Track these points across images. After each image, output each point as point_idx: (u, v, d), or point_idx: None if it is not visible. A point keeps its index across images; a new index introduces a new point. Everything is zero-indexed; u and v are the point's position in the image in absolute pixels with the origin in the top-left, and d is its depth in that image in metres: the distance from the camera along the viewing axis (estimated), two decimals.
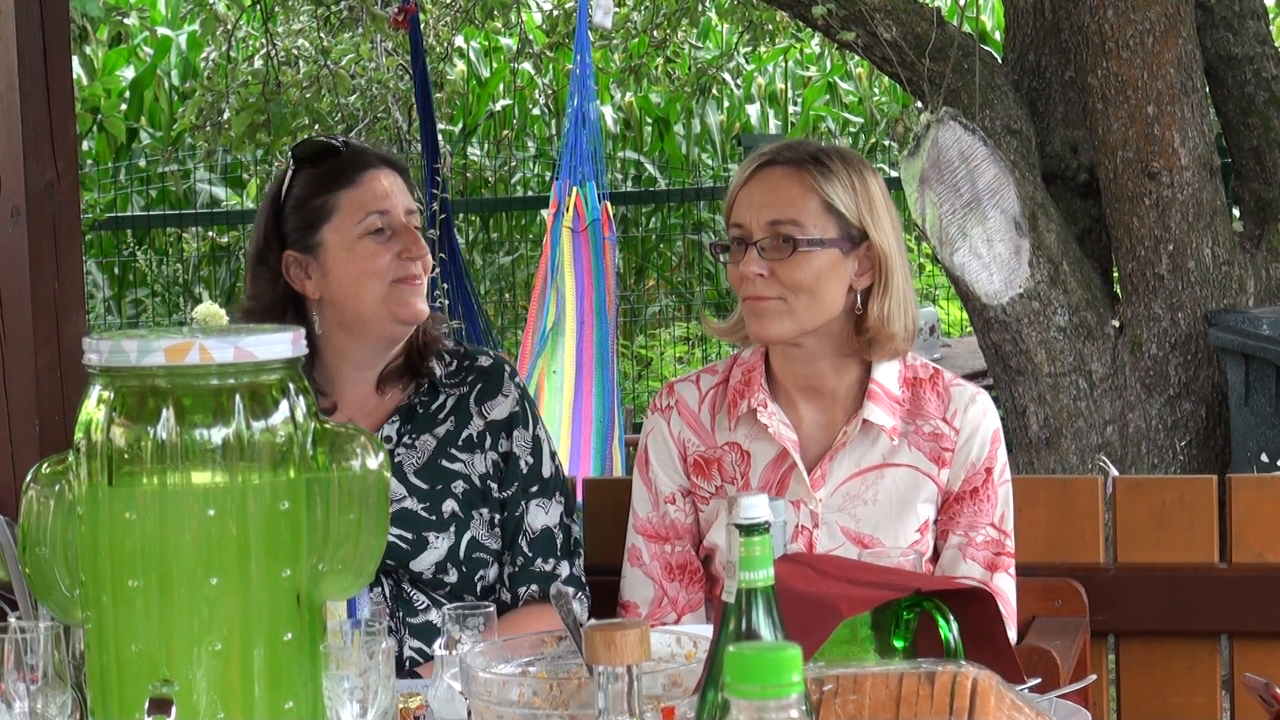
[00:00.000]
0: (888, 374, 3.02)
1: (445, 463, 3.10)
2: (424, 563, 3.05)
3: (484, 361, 3.16)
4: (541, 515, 3.11)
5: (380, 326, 3.09)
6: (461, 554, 3.06)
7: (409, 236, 3.08)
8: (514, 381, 3.15)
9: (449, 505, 3.08)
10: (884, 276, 2.98)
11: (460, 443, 3.11)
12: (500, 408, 3.12)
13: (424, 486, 3.08)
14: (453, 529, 3.07)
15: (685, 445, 3.09)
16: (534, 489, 3.12)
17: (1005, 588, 3.03)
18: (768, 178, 2.99)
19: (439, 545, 3.05)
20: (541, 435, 3.15)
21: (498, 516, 3.11)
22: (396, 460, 3.08)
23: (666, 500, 3.10)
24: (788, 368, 3.05)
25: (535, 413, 3.16)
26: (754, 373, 3.06)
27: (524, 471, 3.11)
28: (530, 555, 3.10)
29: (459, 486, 3.09)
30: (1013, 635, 3.05)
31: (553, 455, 3.16)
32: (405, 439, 3.10)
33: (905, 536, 2.99)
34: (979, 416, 3.04)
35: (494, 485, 3.11)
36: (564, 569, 3.11)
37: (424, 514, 3.06)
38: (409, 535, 3.04)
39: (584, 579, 3.15)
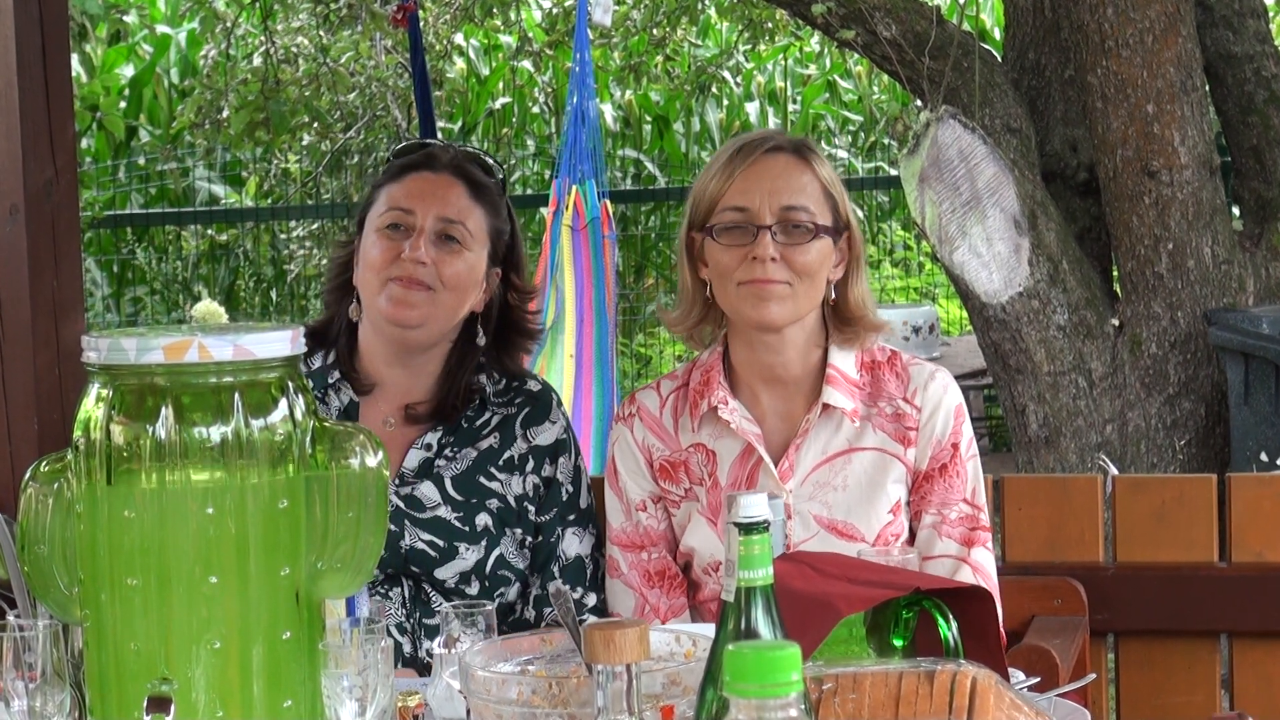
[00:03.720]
0: (844, 359, 3.04)
1: (483, 479, 3.11)
2: (449, 571, 3.05)
3: (533, 386, 3.18)
4: (576, 544, 3.13)
5: (380, 325, 3.09)
6: (488, 569, 3.07)
7: (419, 239, 3.07)
8: (561, 410, 3.18)
9: (483, 519, 3.09)
10: (855, 264, 3.04)
11: (501, 462, 3.12)
12: (547, 434, 3.15)
13: (459, 498, 3.09)
14: (484, 543, 3.08)
15: (650, 451, 3.09)
16: (571, 517, 3.14)
17: (984, 561, 3.02)
18: (774, 164, 3.00)
19: (468, 557, 3.06)
20: (582, 466, 3.19)
21: (529, 539, 3.12)
22: (436, 470, 3.09)
23: (637, 508, 3.10)
24: (753, 357, 3.05)
25: (577, 444, 3.20)
26: (713, 371, 3.07)
27: (564, 499, 3.14)
28: (561, 581, 3.11)
29: (493, 504, 3.10)
30: (999, 612, 3.04)
31: (589, 489, 3.19)
32: (447, 450, 3.11)
33: (878, 519, 2.99)
34: (940, 392, 3.04)
35: (531, 508, 3.12)
36: (591, 599, 3.12)
37: (457, 524, 3.07)
38: (440, 543, 3.05)
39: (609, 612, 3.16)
